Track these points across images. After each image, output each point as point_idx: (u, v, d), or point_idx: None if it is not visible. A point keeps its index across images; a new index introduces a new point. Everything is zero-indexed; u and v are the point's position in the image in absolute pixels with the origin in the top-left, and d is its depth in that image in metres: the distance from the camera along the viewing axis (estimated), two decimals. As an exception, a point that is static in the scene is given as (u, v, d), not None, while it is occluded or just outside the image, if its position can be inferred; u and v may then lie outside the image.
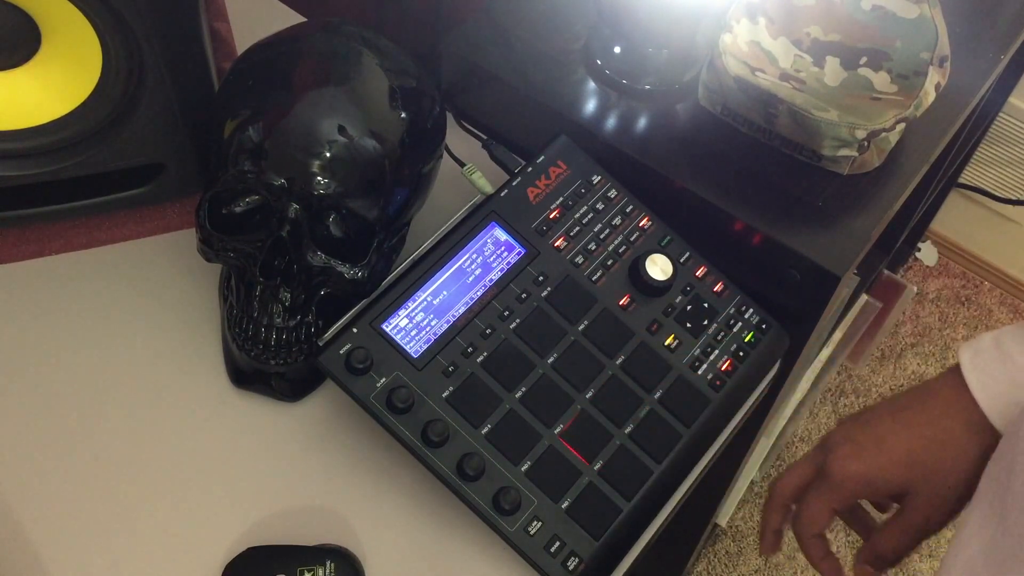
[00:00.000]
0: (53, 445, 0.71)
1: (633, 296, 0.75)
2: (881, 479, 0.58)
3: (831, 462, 0.60)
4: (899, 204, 0.80)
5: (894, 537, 0.61)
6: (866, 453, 0.59)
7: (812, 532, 0.62)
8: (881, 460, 0.58)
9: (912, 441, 0.58)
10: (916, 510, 0.59)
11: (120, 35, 0.67)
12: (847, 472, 0.59)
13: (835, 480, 0.60)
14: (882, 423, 0.59)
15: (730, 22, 0.79)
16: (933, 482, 0.58)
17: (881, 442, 0.59)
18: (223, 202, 0.71)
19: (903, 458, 0.58)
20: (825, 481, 0.61)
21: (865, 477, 0.59)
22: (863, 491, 0.59)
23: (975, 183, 1.86)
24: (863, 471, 0.59)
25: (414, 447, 0.65)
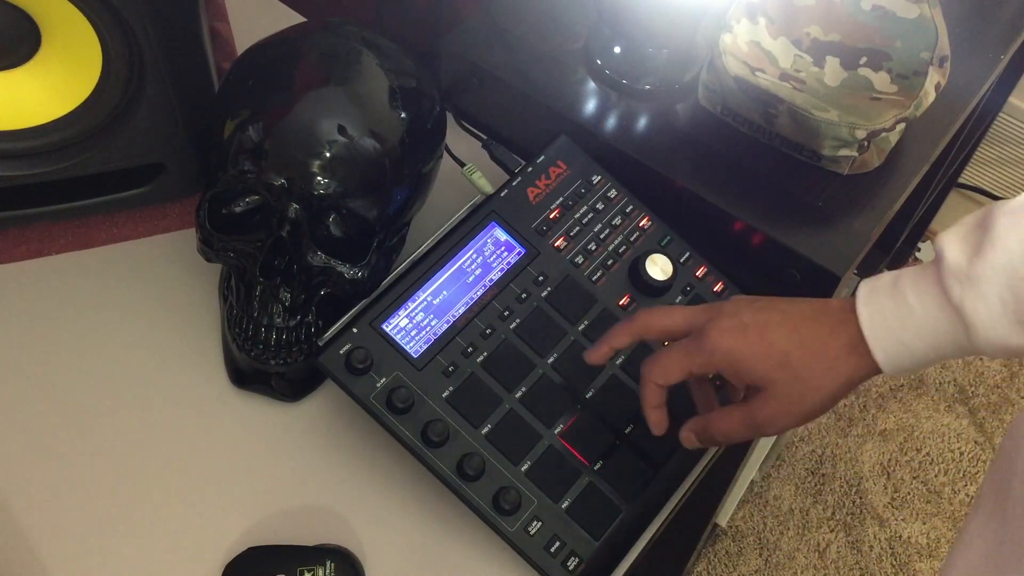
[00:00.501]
0: (53, 445, 0.71)
1: (633, 296, 0.75)
2: (748, 365, 0.58)
3: (710, 328, 0.60)
4: (899, 204, 0.80)
5: (732, 422, 0.61)
6: (747, 335, 0.58)
7: (658, 380, 0.62)
8: (757, 348, 0.58)
9: (792, 342, 0.58)
10: (765, 406, 0.58)
11: (120, 35, 0.67)
12: (720, 344, 0.59)
13: (706, 345, 0.59)
14: (772, 315, 0.59)
15: (730, 22, 0.79)
16: (794, 389, 0.58)
17: (764, 331, 0.58)
18: (223, 202, 0.71)
19: (777, 355, 0.58)
20: (696, 342, 0.60)
21: (735, 356, 0.58)
22: (726, 368, 0.59)
23: (975, 183, 1.86)
24: (736, 350, 0.58)
25: (414, 447, 0.65)
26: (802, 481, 1.70)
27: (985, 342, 0.52)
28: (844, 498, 1.67)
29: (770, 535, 1.63)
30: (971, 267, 0.51)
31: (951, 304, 0.52)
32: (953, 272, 0.52)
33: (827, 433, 1.75)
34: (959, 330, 0.53)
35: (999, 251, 0.51)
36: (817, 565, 1.60)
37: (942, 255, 0.53)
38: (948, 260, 0.53)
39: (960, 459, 1.71)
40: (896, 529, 1.64)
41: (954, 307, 0.52)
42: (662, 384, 0.62)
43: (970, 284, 0.52)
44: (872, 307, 0.55)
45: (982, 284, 0.51)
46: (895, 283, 0.55)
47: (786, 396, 0.58)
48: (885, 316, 0.55)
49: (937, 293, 0.53)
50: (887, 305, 0.55)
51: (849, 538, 1.63)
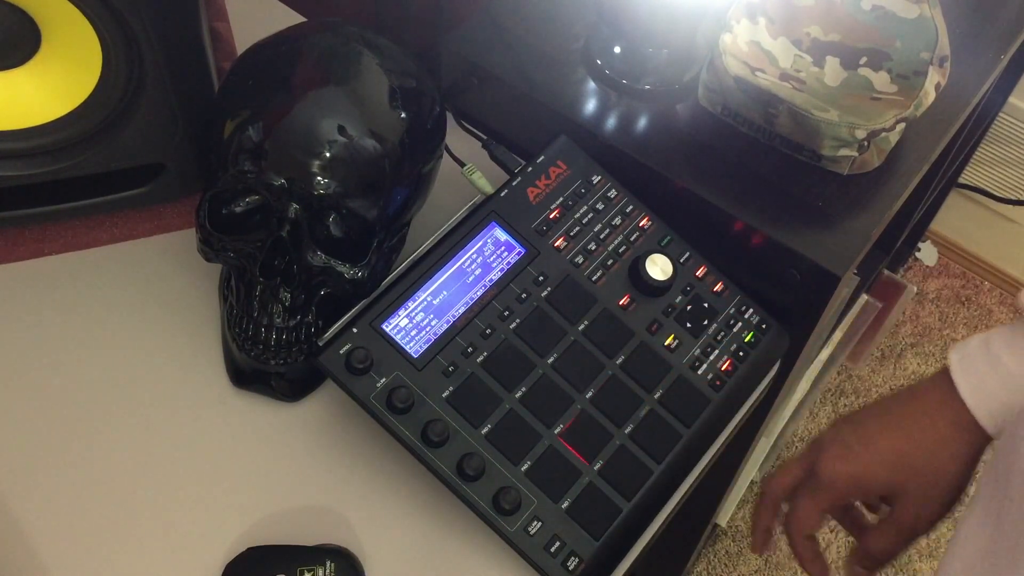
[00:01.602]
0: (53, 445, 0.71)
1: (633, 296, 0.75)
2: (870, 479, 0.59)
3: (821, 462, 0.60)
4: (899, 204, 0.80)
5: (885, 537, 0.61)
6: (855, 454, 0.59)
7: (802, 533, 0.62)
8: (870, 461, 0.58)
9: (901, 442, 0.58)
10: (906, 510, 0.59)
11: (120, 35, 0.67)
12: (836, 473, 0.59)
13: (825, 480, 0.60)
14: (872, 424, 0.60)
15: (730, 22, 0.79)
16: (922, 482, 0.58)
17: (870, 443, 0.59)
18: (223, 202, 0.71)
19: (892, 459, 0.58)
20: (815, 481, 0.61)
21: (854, 477, 0.59)
22: (853, 491, 0.60)
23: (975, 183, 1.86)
24: (852, 472, 0.59)
25: (414, 447, 0.65)
26: (802, 481, 1.70)
27: None
28: (844, 498, 1.67)
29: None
30: None
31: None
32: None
33: (827, 433, 1.75)
34: None
35: None
36: (817, 565, 1.60)
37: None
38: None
39: (960, 459, 1.71)
40: (896, 529, 1.63)
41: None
42: (808, 534, 0.63)
43: None
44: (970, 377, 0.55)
45: None
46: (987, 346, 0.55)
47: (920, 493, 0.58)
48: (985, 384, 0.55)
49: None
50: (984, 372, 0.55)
51: (849, 538, 1.63)
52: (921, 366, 1.85)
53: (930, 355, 1.87)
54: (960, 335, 1.91)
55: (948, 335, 1.91)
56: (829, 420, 1.77)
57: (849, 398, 1.80)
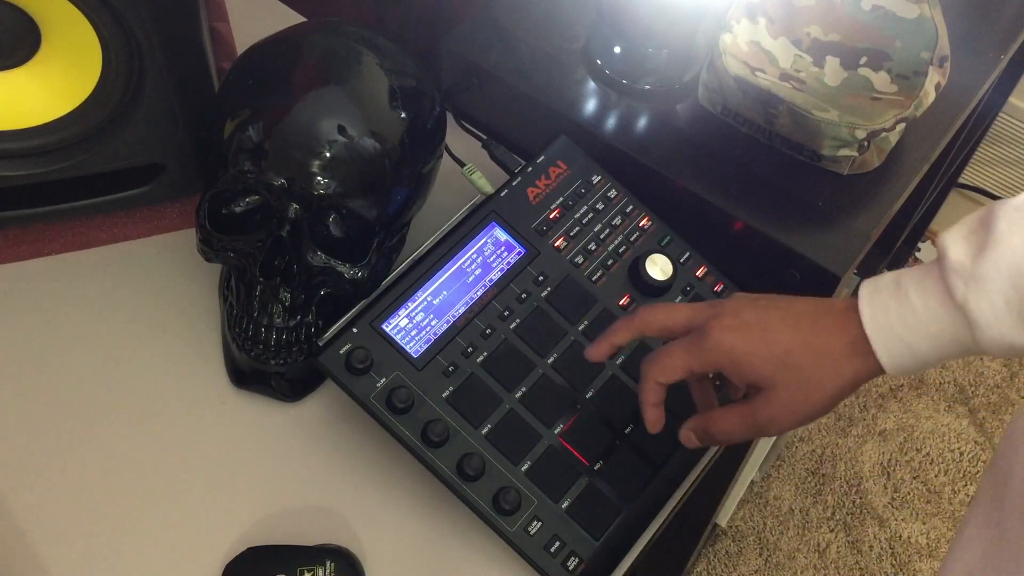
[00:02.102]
0: (53, 445, 0.71)
1: (633, 296, 0.75)
2: (749, 364, 0.58)
3: (712, 325, 0.59)
4: (899, 204, 0.80)
5: (732, 421, 0.60)
6: (749, 334, 0.58)
7: (658, 378, 0.61)
8: (758, 347, 0.57)
9: (795, 342, 0.57)
10: (766, 406, 0.58)
11: (120, 35, 0.67)
12: (722, 343, 0.58)
13: (707, 343, 0.59)
14: (774, 314, 0.59)
15: (730, 22, 0.79)
16: (795, 387, 0.57)
17: (767, 330, 0.58)
18: (223, 202, 0.71)
19: (779, 355, 0.57)
20: (697, 340, 0.59)
21: (736, 355, 0.58)
22: (727, 366, 0.58)
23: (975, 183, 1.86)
24: (738, 348, 0.58)
25: (414, 447, 0.65)
26: (802, 481, 1.70)
27: (989, 341, 0.52)
28: (844, 498, 1.67)
29: (770, 535, 1.63)
30: (975, 266, 0.51)
31: (955, 303, 0.52)
32: (956, 271, 0.52)
33: (827, 433, 1.75)
34: (963, 329, 0.53)
35: (1003, 249, 0.51)
36: (817, 565, 1.60)
37: (945, 254, 0.53)
38: (951, 259, 0.52)
39: (960, 459, 1.71)
40: (896, 529, 1.64)
41: (958, 306, 0.52)
42: (662, 382, 0.62)
43: (974, 282, 0.51)
44: (874, 307, 0.55)
45: (986, 282, 0.51)
46: (898, 283, 0.55)
47: (788, 396, 0.57)
48: (888, 316, 0.54)
49: (940, 292, 0.53)
50: (890, 305, 0.54)
51: (849, 538, 1.63)
52: (921, 366, 1.85)
53: (930, 355, 1.87)
54: (960, 335, 1.91)
55: (948, 335, 1.90)
56: (828, 419, 1.77)
57: (849, 398, 1.80)
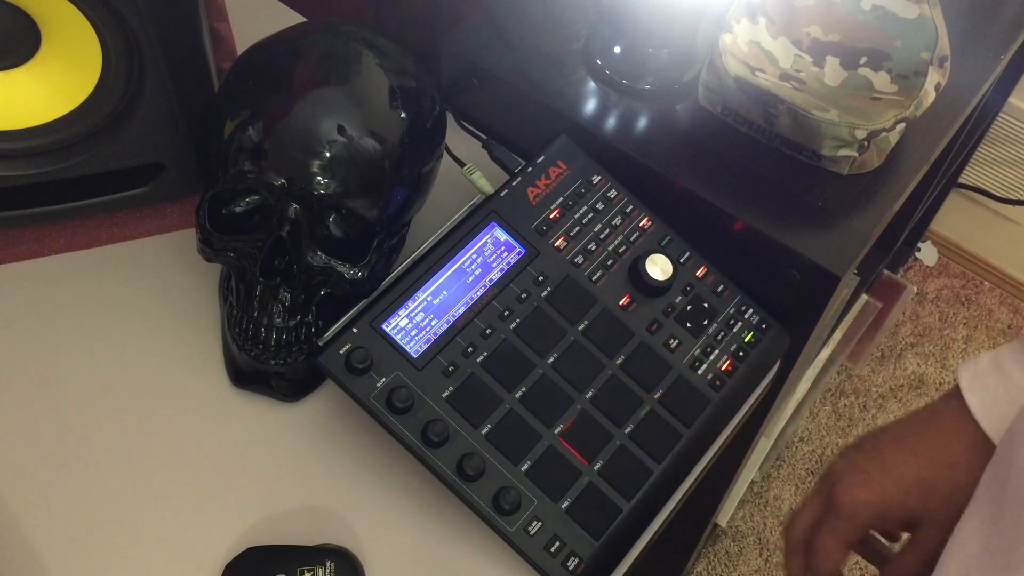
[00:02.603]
0: (53, 445, 0.71)
1: (633, 296, 0.75)
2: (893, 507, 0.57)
3: (839, 494, 0.58)
4: (899, 204, 0.80)
5: (911, 565, 0.59)
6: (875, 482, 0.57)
7: (830, 570, 0.60)
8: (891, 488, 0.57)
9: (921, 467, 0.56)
10: (930, 536, 0.57)
11: (120, 35, 0.67)
12: (857, 502, 0.57)
13: (846, 512, 0.58)
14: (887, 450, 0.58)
15: (730, 22, 0.79)
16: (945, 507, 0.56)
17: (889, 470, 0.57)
18: (223, 202, 0.71)
19: (914, 485, 0.56)
20: (835, 514, 0.59)
21: (876, 506, 0.57)
22: (875, 521, 0.58)
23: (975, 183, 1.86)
24: (874, 500, 0.57)
25: (414, 447, 0.65)
26: (802, 481, 1.70)
27: None
28: (844, 498, 1.67)
29: (770, 535, 1.63)
30: None
31: None
32: None
33: (827, 433, 1.75)
34: None
35: None
36: (817, 565, 1.60)
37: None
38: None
39: (960, 459, 1.71)
40: (896, 529, 1.63)
41: None
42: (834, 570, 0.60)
43: None
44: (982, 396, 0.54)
45: None
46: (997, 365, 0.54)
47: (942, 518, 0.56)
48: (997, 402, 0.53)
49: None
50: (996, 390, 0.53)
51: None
52: (921, 366, 1.85)
53: (930, 355, 1.87)
54: (960, 335, 1.91)
55: (948, 335, 1.91)
56: (829, 420, 1.77)
57: (849, 398, 1.80)
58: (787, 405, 1.51)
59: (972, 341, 1.90)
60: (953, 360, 1.86)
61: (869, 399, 1.80)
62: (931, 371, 1.84)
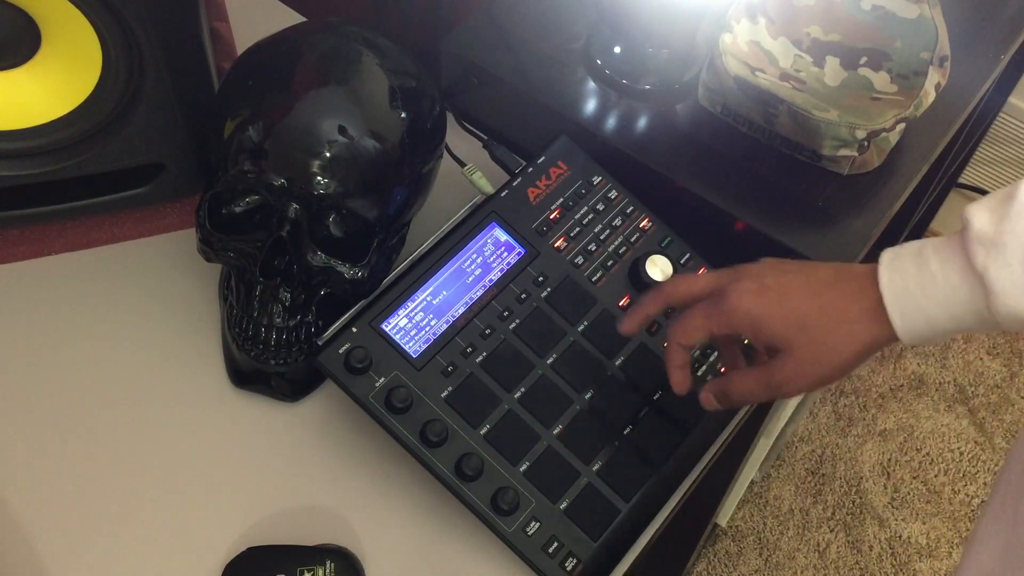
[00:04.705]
0: (53, 444, 0.71)
1: (633, 297, 0.75)
2: (768, 327, 0.59)
3: (732, 289, 0.60)
4: (899, 204, 0.80)
5: (749, 381, 0.61)
6: (767, 297, 0.59)
7: (681, 340, 0.63)
8: (776, 310, 0.58)
9: (812, 306, 0.58)
10: (783, 367, 0.59)
11: (120, 35, 0.67)
12: (742, 305, 0.59)
13: (727, 306, 0.60)
14: (795, 279, 0.59)
15: (730, 22, 0.79)
16: (811, 350, 0.58)
17: (786, 294, 0.59)
18: (223, 202, 0.71)
19: (797, 317, 0.58)
20: (717, 303, 0.61)
21: (756, 317, 0.59)
22: (746, 328, 0.59)
23: (975, 183, 1.86)
24: (757, 311, 0.59)
25: (413, 447, 0.65)
26: (802, 481, 1.70)
27: (1005, 310, 0.52)
28: (844, 498, 1.67)
29: (770, 535, 1.63)
30: (997, 234, 0.51)
31: (974, 270, 0.52)
32: (978, 238, 0.52)
33: (827, 433, 1.75)
34: (980, 297, 0.52)
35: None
36: (817, 565, 1.60)
37: (969, 223, 0.53)
38: (974, 227, 0.52)
39: (960, 459, 1.71)
40: (896, 529, 1.64)
41: (977, 273, 0.52)
42: (685, 344, 0.63)
43: (995, 250, 0.51)
44: (893, 272, 0.55)
45: (1007, 250, 0.51)
46: (919, 250, 0.55)
47: (804, 358, 0.58)
48: (906, 282, 0.54)
49: (961, 259, 0.53)
50: (909, 271, 0.54)
51: (849, 538, 1.63)
52: (921, 366, 1.85)
53: (930, 355, 1.87)
54: (960, 335, 1.91)
55: (948, 335, 1.91)
56: (829, 420, 1.77)
57: (849, 398, 1.80)
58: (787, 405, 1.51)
59: (972, 341, 1.90)
60: (953, 360, 1.86)
61: (869, 399, 1.80)
62: (931, 371, 1.84)
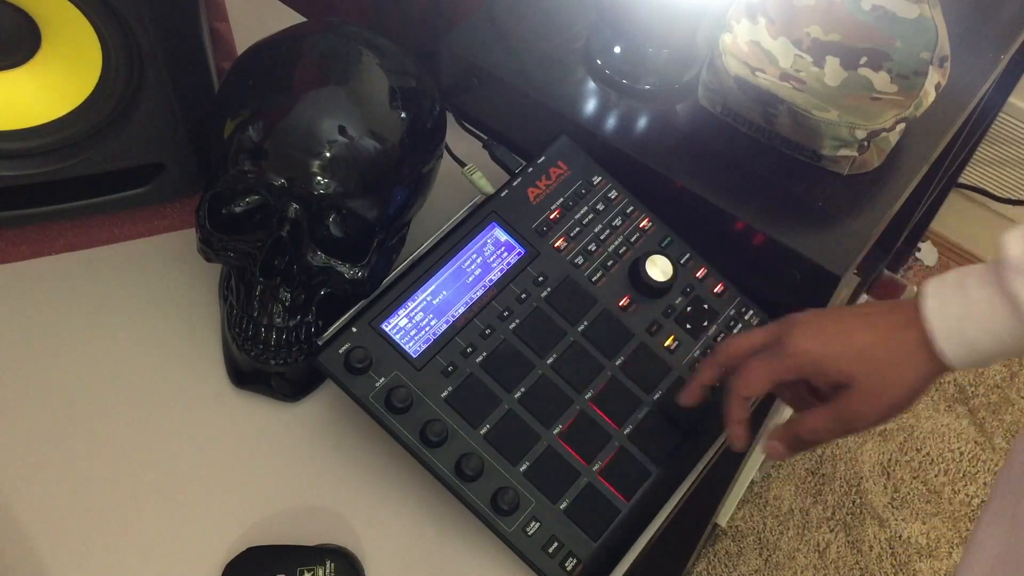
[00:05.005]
0: (53, 445, 0.71)
1: (633, 297, 0.75)
2: (831, 363, 0.59)
3: (791, 334, 0.61)
4: (899, 204, 0.80)
5: (820, 420, 0.61)
6: (827, 335, 0.60)
7: (744, 392, 0.63)
8: (836, 346, 0.60)
9: (870, 338, 0.59)
10: (851, 401, 0.59)
11: (120, 35, 0.67)
12: (801, 346, 0.60)
13: (789, 350, 0.60)
14: (849, 318, 0.61)
15: (730, 22, 0.79)
16: (877, 380, 0.59)
17: (844, 330, 0.60)
18: (223, 202, 0.71)
19: (859, 350, 0.59)
20: (778, 350, 0.61)
21: (817, 356, 0.60)
22: (810, 369, 0.60)
23: (975, 183, 1.86)
24: (817, 350, 0.60)
25: (413, 447, 0.65)
26: (802, 481, 1.70)
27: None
28: (844, 498, 1.67)
29: (770, 535, 1.63)
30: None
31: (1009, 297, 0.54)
32: (1013, 265, 0.54)
33: (827, 433, 1.75)
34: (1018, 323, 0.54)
35: None
36: (817, 565, 1.60)
37: (1004, 251, 0.55)
38: (1009, 255, 0.54)
39: (960, 459, 1.71)
40: (896, 529, 1.64)
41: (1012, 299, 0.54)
42: (748, 396, 0.63)
43: None
44: (937, 301, 0.57)
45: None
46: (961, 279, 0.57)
47: (871, 389, 0.59)
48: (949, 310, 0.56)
49: (997, 287, 0.55)
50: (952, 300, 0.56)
51: (849, 538, 1.63)
52: (921, 366, 1.85)
53: (930, 355, 1.87)
54: (960, 335, 1.91)
55: (948, 335, 1.90)
56: (829, 420, 1.77)
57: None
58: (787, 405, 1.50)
59: (972, 341, 1.90)
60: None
61: (869, 399, 1.80)
62: (931, 371, 1.84)
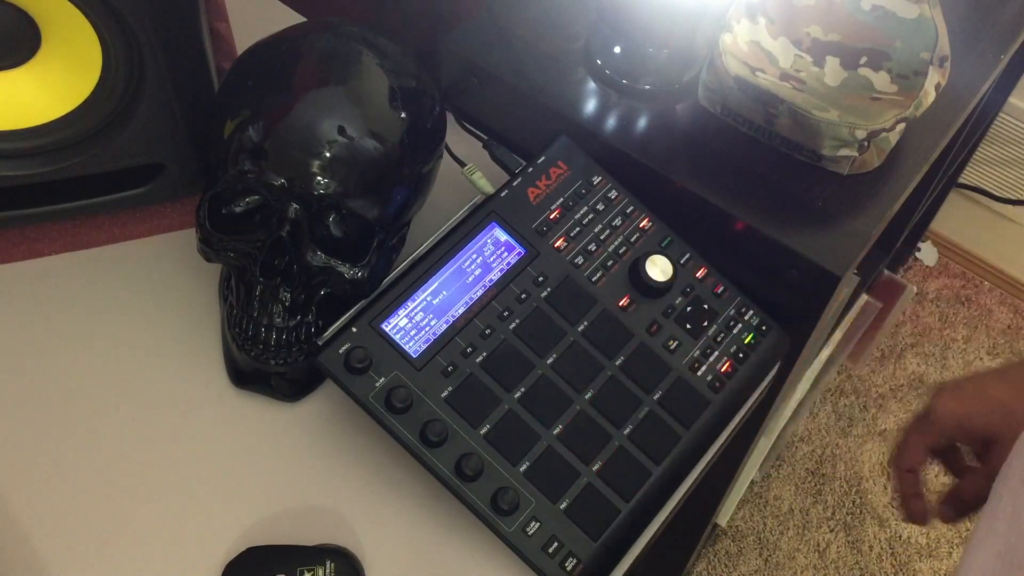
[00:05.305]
0: (53, 445, 0.71)
1: (633, 297, 0.75)
2: (975, 422, 0.62)
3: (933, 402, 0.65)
4: (899, 204, 0.80)
5: (976, 481, 0.64)
6: (966, 395, 0.64)
7: (907, 466, 0.66)
8: (978, 405, 0.63)
9: (1010, 392, 0.62)
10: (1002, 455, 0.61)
11: (120, 35, 0.67)
12: (945, 411, 0.64)
13: (933, 415, 0.64)
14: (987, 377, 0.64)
15: (730, 22, 0.79)
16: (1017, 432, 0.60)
17: (981, 391, 0.63)
18: (223, 202, 0.71)
19: (998, 406, 0.62)
20: (923, 418, 0.65)
21: (961, 416, 0.63)
22: (957, 431, 0.63)
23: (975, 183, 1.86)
24: (960, 411, 0.63)
25: (412, 447, 0.65)
26: (802, 481, 1.70)
27: None
28: (844, 498, 1.67)
29: (770, 535, 1.63)
30: None
31: None
32: None
33: (827, 433, 1.75)
34: None
35: None
36: (817, 565, 1.60)
37: None
38: None
39: (960, 459, 1.71)
40: (896, 529, 1.64)
41: None
42: (909, 467, 0.66)
43: None
44: None
45: None
46: None
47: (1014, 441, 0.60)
48: None
49: None
50: None
51: (849, 538, 1.63)
52: (921, 366, 1.85)
53: (930, 355, 1.87)
54: (960, 335, 1.91)
55: (948, 335, 1.91)
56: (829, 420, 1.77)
57: (849, 398, 1.80)
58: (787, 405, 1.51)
59: (972, 341, 1.90)
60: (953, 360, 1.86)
61: (869, 399, 1.80)
62: (931, 371, 1.84)
